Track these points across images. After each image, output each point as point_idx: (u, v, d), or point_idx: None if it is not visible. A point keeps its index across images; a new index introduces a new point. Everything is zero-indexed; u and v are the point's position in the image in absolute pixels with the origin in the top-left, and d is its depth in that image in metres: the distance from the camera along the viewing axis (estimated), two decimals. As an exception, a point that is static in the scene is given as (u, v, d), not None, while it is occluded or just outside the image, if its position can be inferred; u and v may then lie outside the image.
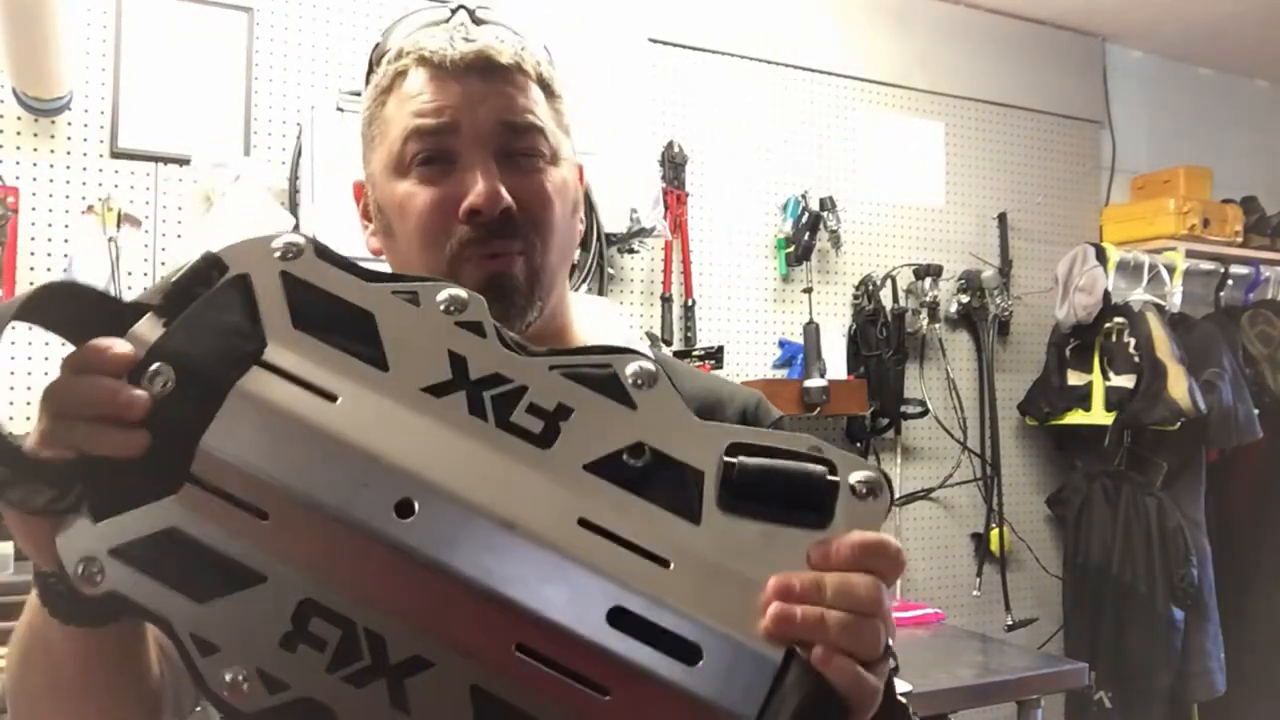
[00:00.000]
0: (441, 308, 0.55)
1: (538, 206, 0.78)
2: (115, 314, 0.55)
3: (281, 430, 0.52)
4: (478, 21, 0.80)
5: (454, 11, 0.80)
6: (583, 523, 0.52)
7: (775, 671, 0.50)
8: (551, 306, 0.82)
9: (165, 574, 0.51)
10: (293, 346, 0.54)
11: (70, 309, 0.55)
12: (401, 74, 0.79)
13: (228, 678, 0.50)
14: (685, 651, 0.50)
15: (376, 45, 0.83)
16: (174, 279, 0.55)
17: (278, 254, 0.56)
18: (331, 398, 0.53)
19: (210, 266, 0.55)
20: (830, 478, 0.53)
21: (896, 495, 2.97)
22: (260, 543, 0.51)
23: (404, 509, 0.51)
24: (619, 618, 0.50)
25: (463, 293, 0.56)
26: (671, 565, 0.51)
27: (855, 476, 0.53)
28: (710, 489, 0.53)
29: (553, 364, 0.55)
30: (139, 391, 0.52)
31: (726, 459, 0.53)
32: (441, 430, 0.53)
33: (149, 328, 0.54)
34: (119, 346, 0.53)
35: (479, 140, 0.76)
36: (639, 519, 0.52)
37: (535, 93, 0.80)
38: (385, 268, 0.85)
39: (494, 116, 0.77)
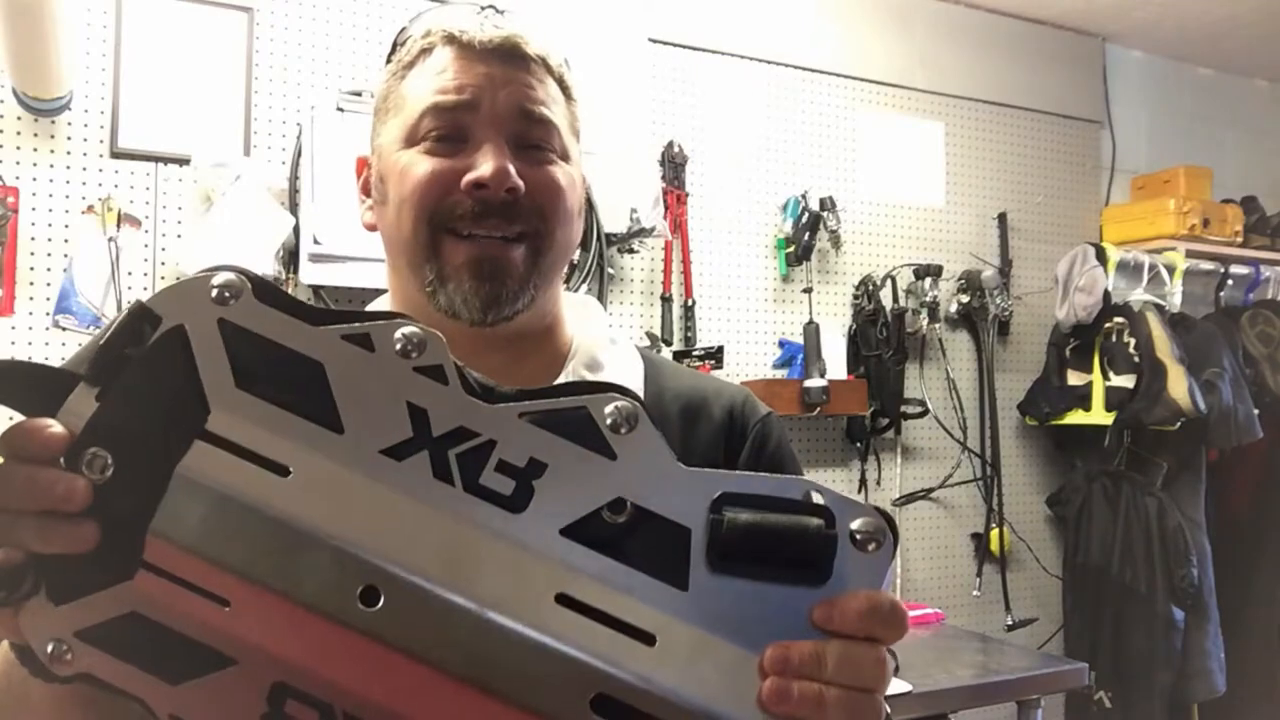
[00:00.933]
0: (397, 349, 0.51)
1: (547, 196, 0.78)
2: (55, 384, 0.51)
3: (232, 515, 0.49)
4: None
5: (483, 9, 0.81)
6: (561, 598, 0.49)
7: None
8: (544, 304, 0.82)
9: (134, 656, 0.49)
10: (237, 411, 0.50)
11: (6, 385, 0.52)
12: (427, 50, 0.79)
13: None
14: None
15: (402, 29, 0.83)
16: (102, 340, 0.50)
17: (213, 297, 0.50)
18: (283, 471, 0.50)
19: (140, 320, 0.50)
20: (827, 531, 0.50)
21: (896, 495, 2.99)
22: (224, 628, 0.49)
23: (369, 597, 0.49)
24: (603, 704, 0.49)
25: (419, 330, 0.51)
26: (657, 642, 0.49)
27: (854, 524, 0.50)
28: (698, 548, 0.50)
29: (522, 410, 0.51)
30: (79, 480, 0.49)
31: (713, 516, 0.50)
32: (404, 503, 0.50)
33: (82, 401, 0.50)
34: (52, 428, 0.49)
35: (495, 122, 0.77)
36: (621, 589, 0.50)
37: (554, 90, 0.81)
38: (377, 246, 0.84)
39: (514, 102, 0.77)
